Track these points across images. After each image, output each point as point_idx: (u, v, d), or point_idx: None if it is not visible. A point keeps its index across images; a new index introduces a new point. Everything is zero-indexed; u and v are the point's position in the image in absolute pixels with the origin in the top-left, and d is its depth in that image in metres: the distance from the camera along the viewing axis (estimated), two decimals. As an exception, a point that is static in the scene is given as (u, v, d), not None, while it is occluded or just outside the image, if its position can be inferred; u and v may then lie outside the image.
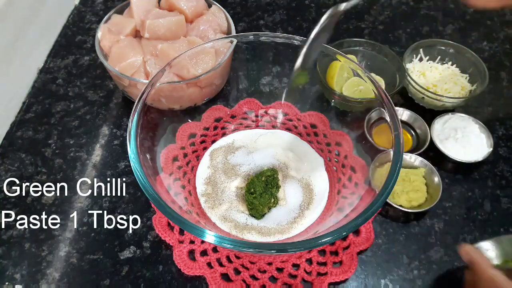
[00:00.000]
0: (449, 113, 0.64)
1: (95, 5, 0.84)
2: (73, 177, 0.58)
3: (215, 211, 0.54)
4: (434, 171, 0.57)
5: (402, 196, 0.55)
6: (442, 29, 0.83)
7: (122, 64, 0.60)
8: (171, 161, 0.56)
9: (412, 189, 0.55)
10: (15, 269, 0.50)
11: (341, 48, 0.69)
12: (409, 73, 0.67)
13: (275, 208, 0.55)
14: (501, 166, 0.62)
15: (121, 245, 0.52)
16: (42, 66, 0.72)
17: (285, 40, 0.57)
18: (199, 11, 0.69)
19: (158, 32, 0.63)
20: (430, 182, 0.56)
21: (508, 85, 0.73)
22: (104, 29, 0.65)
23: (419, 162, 0.58)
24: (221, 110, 0.65)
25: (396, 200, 0.55)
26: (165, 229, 0.53)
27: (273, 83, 0.66)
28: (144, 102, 0.48)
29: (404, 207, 0.54)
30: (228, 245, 0.39)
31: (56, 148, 0.61)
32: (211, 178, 0.57)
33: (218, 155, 0.60)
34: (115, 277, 0.50)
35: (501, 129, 0.66)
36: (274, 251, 0.41)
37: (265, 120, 0.65)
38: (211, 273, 0.50)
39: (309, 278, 0.50)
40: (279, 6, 0.86)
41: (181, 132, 0.60)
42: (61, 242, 0.52)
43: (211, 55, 0.60)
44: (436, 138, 0.61)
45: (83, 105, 0.67)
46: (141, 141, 0.46)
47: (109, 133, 0.64)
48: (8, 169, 0.58)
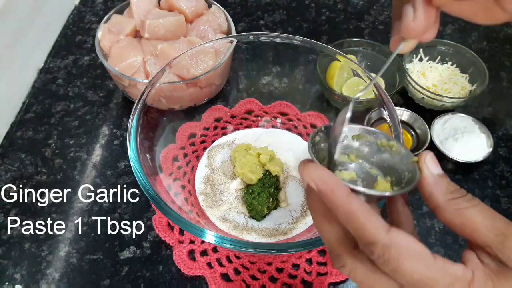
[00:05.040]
0: (449, 113, 0.64)
1: (95, 5, 0.84)
2: (73, 177, 0.58)
3: (214, 211, 0.54)
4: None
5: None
6: (442, 29, 0.83)
7: (122, 64, 0.60)
8: (171, 161, 0.56)
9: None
10: (15, 269, 0.50)
11: (341, 48, 0.69)
12: (409, 73, 0.67)
13: (276, 210, 0.55)
14: (501, 166, 0.62)
15: (121, 245, 0.52)
16: (42, 66, 0.72)
17: (285, 40, 0.57)
18: (199, 11, 0.69)
19: (158, 32, 0.63)
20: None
21: (508, 85, 0.73)
22: (104, 29, 0.65)
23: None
24: (221, 110, 0.65)
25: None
26: (165, 229, 0.53)
27: (273, 83, 0.66)
28: (144, 102, 0.48)
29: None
30: (228, 245, 0.39)
31: (56, 148, 0.61)
32: (209, 177, 0.57)
33: (217, 154, 0.60)
34: (115, 277, 0.50)
35: (501, 129, 0.66)
36: (274, 251, 0.41)
37: (265, 120, 0.65)
38: (211, 273, 0.50)
39: (309, 278, 0.50)
40: (279, 6, 0.86)
41: (181, 132, 0.60)
42: (61, 242, 0.52)
43: (211, 55, 0.60)
44: (436, 138, 0.61)
45: (83, 105, 0.67)
46: (141, 141, 0.46)
47: (109, 133, 0.64)
48: (8, 169, 0.58)
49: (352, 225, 0.24)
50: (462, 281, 0.23)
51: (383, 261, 0.23)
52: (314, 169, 0.25)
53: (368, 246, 0.24)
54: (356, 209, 0.24)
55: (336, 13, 0.85)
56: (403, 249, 0.23)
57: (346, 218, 0.24)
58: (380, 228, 0.24)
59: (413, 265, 0.23)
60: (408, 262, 0.23)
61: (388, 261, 0.23)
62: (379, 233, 0.23)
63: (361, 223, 0.24)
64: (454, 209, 0.24)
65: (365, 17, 0.85)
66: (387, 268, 0.24)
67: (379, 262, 0.24)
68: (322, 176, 0.25)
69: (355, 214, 0.24)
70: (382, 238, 0.23)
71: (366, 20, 0.84)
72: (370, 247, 0.24)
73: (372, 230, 0.24)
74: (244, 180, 0.55)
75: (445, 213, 0.25)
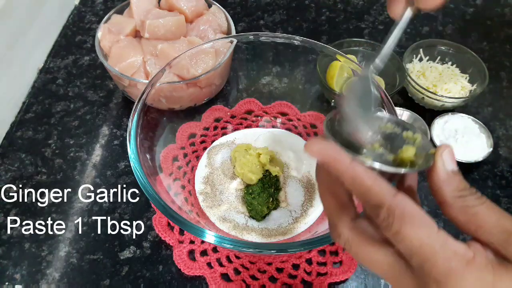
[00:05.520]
0: (449, 113, 0.64)
1: (95, 5, 0.84)
2: (73, 177, 0.58)
3: (214, 211, 0.54)
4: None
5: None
6: (442, 29, 0.83)
7: (122, 64, 0.60)
8: (171, 161, 0.56)
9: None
10: (15, 269, 0.50)
11: (341, 48, 0.69)
12: (409, 73, 0.67)
13: (276, 210, 0.55)
14: (501, 166, 0.62)
15: (121, 245, 0.52)
16: (42, 66, 0.72)
17: (285, 40, 0.57)
18: (199, 11, 0.69)
19: (158, 32, 0.63)
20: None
21: (508, 85, 0.73)
22: (104, 29, 0.65)
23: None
24: (221, 110, 0.65)
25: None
26: (165, 229, 0.53)
27: (273, 83, 0.66)
28: (144, 102, 0.48)
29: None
30: (228, 245, 0.39)
31: (56, 148, 0.61)
32: (209, 177, 0.57)
33: (217, 154, 0.60)
34: (115, 277, 0.50)
35: (501, 129, 0.66)
36: (274, 251, 0.41)
37: (265, 120, 0.65)
38: (211, 273, 0.50)
39: (309, 278, 0.50)
40: (279, 6, 0.86)
41: (181, 132, 0.60)
42: (61, 242, 0.52)
43: (211, 55, 0.60)
44: (436, 138, 0.61)
45: (83, 105, 0.67)
46: (141, 141, 0.46)
47: (109, 133, 0.64)
48: (8, 169, 0.58)
49: (359, 189, 0.24)
50: (461, 259, 0.23)
51: (386, 224, 0.23)
52: (315, 143, 0.26)
53: (374, 209, 0.24)
54: (361, 173, 0.24)
55: (336, 13, 0.85)
56: (407, 214, 0.23)
57: (352, 183, 0.24)
58: (387, 190, 0.24)
59: (415, 231, 0.23)
60: (410, 227, 0.23)
61: (392, 225, 0.23)
62: (385, 195, 0.24)
63: (367, 185, 0.24)
64: (461, 206, 0.24)
65: (365, 17, 0.85)
66: (389, 232, 0.24)
67: (383, 225, 0.24)
68: (324, 147, 0.25)
69: (361, 178, 0.24)
70: (389, 200, 0.23)
71: (366, 20, 0.84)
72: (376, 210, 0.24)
73: (378, 192, 0.24)
74: (244, 180, 0.55)
75: (451, 209, 0.25)
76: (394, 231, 0.23)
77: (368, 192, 0.24)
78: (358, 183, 0.24)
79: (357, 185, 0.24)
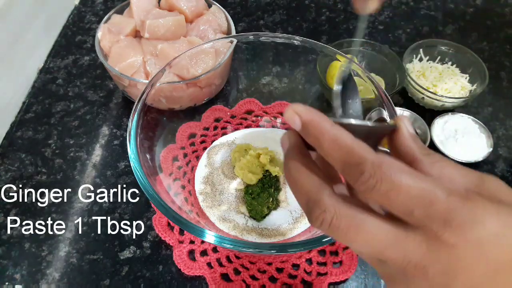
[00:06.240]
0: (449, 113, 0.64)
1: (95, 5, 0.84)
2: (73, 177, 0.58)
3: (214, 211, 0.54)
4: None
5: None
6: (442, 29, 0.83)
7: (122, 64, 0.60)
8: (171, 161, 0.56)
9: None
10: (15, 269, 0.50)
11: (341, 48, 0.69)
12: (409, 73, 0.67)
13: (276, 210, 0.55)
14: (501, 166, 0.62)
15: (121, 245, 0.52)
16: (42, 66, 0.72)
17: (285, 40, 0.57)
18: (199, 11, 0.69)
19: (158, 32, 0.63)
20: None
21: (508, 85, 0.73)
22: (104, 29, 0.65)
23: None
24: (221, 110, 0.65)
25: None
26: (165, 229, 0.53)
27: (273, 83, 0.66)
28: (144, 102, 0.48)
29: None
30: (228, 245, 0.39)
31: (56, 148, 0.61)
32: (209, 177, 0.57)
33: (217, 154, 0.60)
34: (115, 277, 0.50)
35: (501, 129, 0.66)
36: (274, 251, 0.41)
37: (265, 120, 0.65)
38: (211, 273, 0.50)
39: (309, 278, 0.50)
40: (279, 6, 0.86)
41: (181, 132, 0.60)
42: (61, 242, 0.52)
43: (211, 55, 0.60)
44: (436, 138, 0.61)
45: (83, 105, 0.67)
46: (141, 141, 0.46)
47: (109, 133, 0.64)
48: (8, 169, 0.58)
49: (340, 150, 0.24)
50: (467, 189, 0.22)
51: (375, 181, 0.22)
52: (299, 105, 0.26)
53: (357, 168, 0.23)
54: (342, 134, 0.24)
55: (336, 13, 0.85)
56: (394, 166, 0.22)
57: (332, 145, 0.24)
58: (368, 149, 0.23)
59: (408, 179, 0.21)
60: (402, 176, 0.21)
61: (381, 180, 0.22)
62: (367, 152, 0.23)
63: (349, 145, 0.23)
64: (430, 162, 0.25)
65: (365, 17, 0.85)
66: (378, 191, 0.22)
67: (370, 186, 0.22)
68: (308, 108, 0.25)
69: (341, 138, 0.24)
70: (371, 156, 0.22)
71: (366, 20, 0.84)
72: (359, 168, 0.22)
73: (360, 150, 0.23)
74: (244, 180, 0.55)
75: (423, 166, 0.25)
76: (385, 188, 0.22)
77: (351, 151, 0.23)
78: (338, 144, 0.24)
79: (338, 146, 0.24)
